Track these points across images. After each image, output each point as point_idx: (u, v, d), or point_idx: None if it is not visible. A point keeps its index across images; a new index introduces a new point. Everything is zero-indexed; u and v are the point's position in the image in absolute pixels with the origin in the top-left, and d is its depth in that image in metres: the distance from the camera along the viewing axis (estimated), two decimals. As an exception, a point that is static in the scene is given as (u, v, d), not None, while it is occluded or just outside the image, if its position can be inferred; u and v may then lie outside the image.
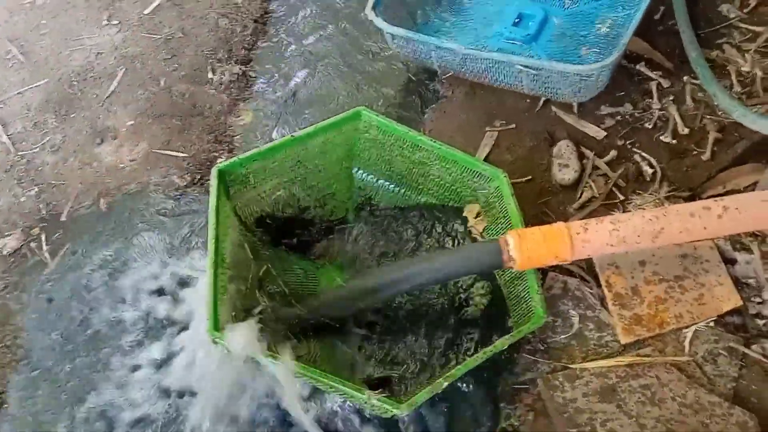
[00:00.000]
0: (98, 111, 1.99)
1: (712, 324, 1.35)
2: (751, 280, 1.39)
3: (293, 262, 1.55)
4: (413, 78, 1.95)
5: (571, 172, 1.62)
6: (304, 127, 1.50)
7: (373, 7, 1.78)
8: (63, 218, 1.75)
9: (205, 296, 1.22)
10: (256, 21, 2.18)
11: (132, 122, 1.94)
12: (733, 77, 1.71)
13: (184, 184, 1.79)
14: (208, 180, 1.41)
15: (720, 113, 1.65)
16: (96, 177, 1.83)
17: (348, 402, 1.30)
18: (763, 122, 1.46)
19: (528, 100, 1.80)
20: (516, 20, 1.88)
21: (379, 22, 1.77)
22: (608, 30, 1.84)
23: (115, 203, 1.77)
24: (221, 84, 2.01)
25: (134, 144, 1.89)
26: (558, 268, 1.47)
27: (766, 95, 1.66)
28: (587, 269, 1.47)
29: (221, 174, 1.41)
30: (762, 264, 1.39)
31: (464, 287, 1.47)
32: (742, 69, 1.71)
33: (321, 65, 2.02)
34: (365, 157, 1.58)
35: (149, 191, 1.78)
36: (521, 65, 1.64)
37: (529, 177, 1.66)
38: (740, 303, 1.36)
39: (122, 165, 1.85)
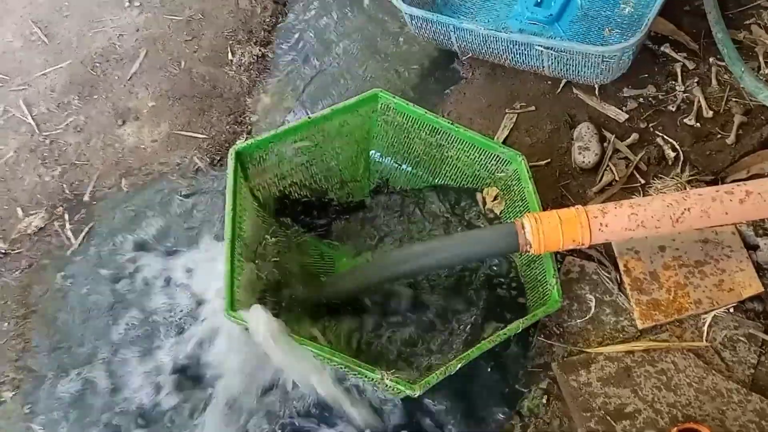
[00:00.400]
0: (120, 92, 2.00)
1: (731, 310, 1.33)
2: (773, 266, 1.37)
3: (310, 243, 1.56)
4: (433, 59, 1.93)
5: (592, 155, 1.60)
6: (321, 109, 1.50)
7: (393, -12, 1.77)
8: (86, 198, 1.78)
9: (223, 276, 1.24)
10: (276, 2, 2.17)
11: (153, 104, 1.96)
12: (761, 59, 1.66)
13: (204, 165, 1.80)
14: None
15: (746, 96, 1.62)
16: (118, 158, 1.86)
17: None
18: (790, 105, 1.42)
19: (549, 82, 1.78)
20: (538, 0, 1.85)
21: (398, 3, 1.75)
22: (632, 10, 1.81)
23: (137, 184, 1.79)
24: (241, 65, 2.02)
25: (155, 125, 1.91)
26: (576, 252, 1.46)
27: (795, 77, 1.62)
28: (606, 253, 1.46)
29: (239, 155, 1.42)
30: (785, 250, 1.37)
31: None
32: (771, 50, 1.67)
33: (340, 46, 2.01)
34: (382, 140, 1.58)
35: (170, 172, 1.80)
36: (542, 46, 1.61)
37: (549, 160, 1.64)
38: (762, 289, 1.34)
39: (143, 146, 1.87)
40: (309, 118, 1.46)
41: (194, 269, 1.52)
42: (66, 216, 1.75)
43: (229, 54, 2.05)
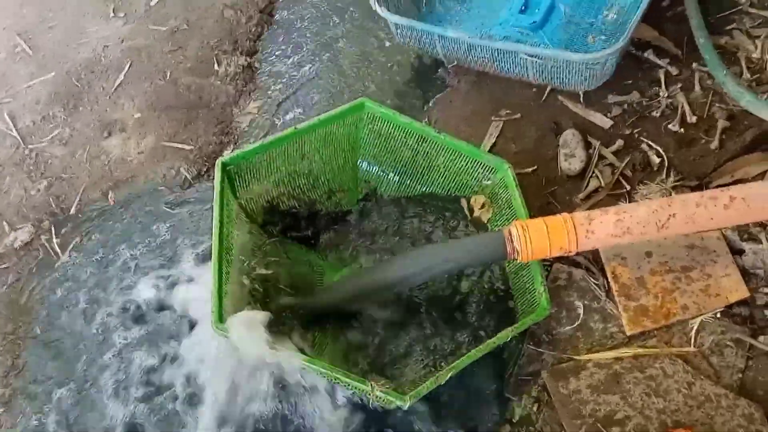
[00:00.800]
0: (105, 104, 2.00)
1: (718, 315, 1.34)
2: (758, 271, 1.38)
3: (299, 254, 1.55)
4: (419, 68, 1.94)
5: (577, 161, 1.61)
6: (308, 119, 1.50)
7: (377, -3, 1.77)
8: (72, 211, 1.77)
9: (210, 289, 1.23)
10: (261, 11, 2.18)
11: (139, 115, 1.95)
12: (743, 64, 1.68)
13: (191, 176, 1.80)
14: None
15: (729, 101, 1.63)
16: (104, 170, 1.85)
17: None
18: (772, 110, 1.44)
19: (534, 89, 1.79)
20: (522, 8, 1.86)
21: (383, 12, 1.76)
22: (616, 17, 1.82)
23: (123, 196, 1.78)
24: (227, 76, 2.02)
25: (141, 137, 1.90)
26: (563, 259, 1.46)
27: (776, 82, 1.63)
28: (593, 260, 1.46)
29: (225, 167, 1.41)
30: (770, 254, 1.38)
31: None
32: (752, 55, 1.69)
33: (327, 55, 2.02)
34: (369, 149, 1.58)
35: (156, 184, 1.79)
36: (527, 54, 1.62)
37: (535, 167, 1.65)
38: (747, 294, 1.35)
39: (130, 158, 1.86)
40: (295, 128, 1.46)
41: (182, 283, 1.52)
42: (52, 230, 1.74)
43: (215, 64, 2.05)
